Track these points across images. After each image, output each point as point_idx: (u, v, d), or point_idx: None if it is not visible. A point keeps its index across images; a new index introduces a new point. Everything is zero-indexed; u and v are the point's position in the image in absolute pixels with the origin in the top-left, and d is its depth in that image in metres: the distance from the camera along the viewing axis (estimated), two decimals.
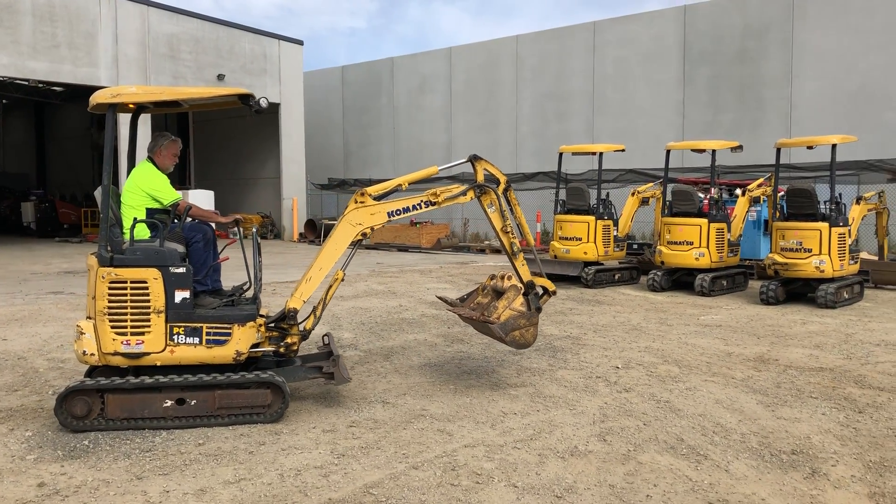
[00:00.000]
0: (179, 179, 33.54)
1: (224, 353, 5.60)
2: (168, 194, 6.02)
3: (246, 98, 5.68)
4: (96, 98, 5.50)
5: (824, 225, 11.53)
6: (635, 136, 23.68)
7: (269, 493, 4.30)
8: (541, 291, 6.61)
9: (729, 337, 9.03)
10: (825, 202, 11.87)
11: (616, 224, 14.62)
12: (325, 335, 6.81)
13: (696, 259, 12.89)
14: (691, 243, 12.95)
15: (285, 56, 28.01)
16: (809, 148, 12.58)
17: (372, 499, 4.22)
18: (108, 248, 5.45)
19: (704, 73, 23.47)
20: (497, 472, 4.59)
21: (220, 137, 31.94)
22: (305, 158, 29.31)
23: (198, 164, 33.29)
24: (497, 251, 22.62)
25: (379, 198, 6.09)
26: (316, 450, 4.99)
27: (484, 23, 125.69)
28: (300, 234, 27.66)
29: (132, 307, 5.42)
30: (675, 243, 13.16)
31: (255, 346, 5.78)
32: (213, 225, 6.39)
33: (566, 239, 14.38)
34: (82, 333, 5.43)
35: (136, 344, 5.43)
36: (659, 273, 13.45)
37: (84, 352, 5.41)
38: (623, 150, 15.61)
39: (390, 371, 7.23)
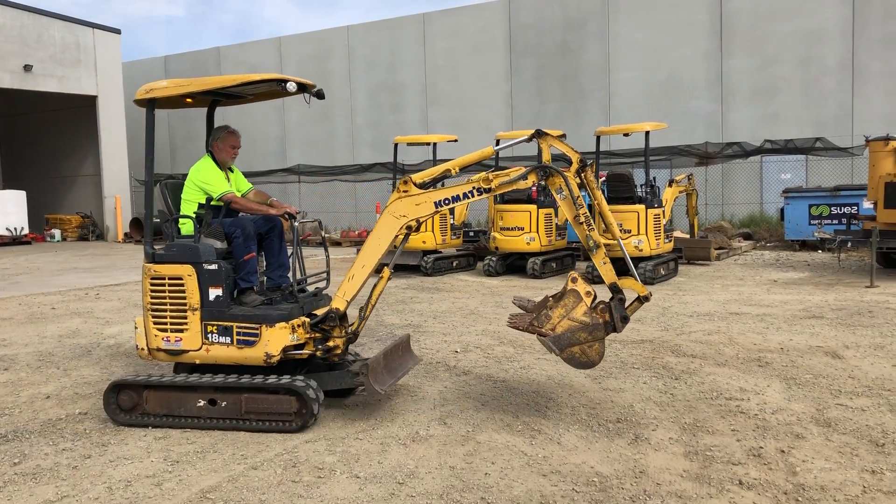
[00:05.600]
0: None
1: (254, 355, 5.36)
2: (216, 187, 5.80)
3: (304, 87, 5.53)
4: (136, 96, 5.57)
5: (641, 207, 12.35)
6: (468, 127, 24.26)
7: None
8: (626, 297, 5.36)
9: None
10: (641, 186, 12.71)
11: (452, 213, 14.93)
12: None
13: (528, 244, 13.43)
14: (522, 228, 13.47)
15: (101, 45, 26.28)
16: (626, 135, 13.40)
17: (209, 503, 4.08)
18: (152, 245, 5.54)
19: (530, 65, 24.40)
20: (339, 465, 4.57)
21: (32, 133, 29.52)
22: (128, 154, 27.66)
23: (8, 163, 30.59)
24: (338, 243, 22.46)
25: (425, 185, 5.45)
26: (148, 458, 4.76)
27: (310, 13, 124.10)
28: (125, 235, 26.16)
29: (171, 304, 5.45)
30: (508, 229, 13.64)
31: (299, 347, 5.47)
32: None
33: None
34: (136, 328, 5.62)
35: (176, 341, 5.46)
36: (494, 258, 13.88)
37: (137, 346, 5.61)
38: (456, 141, 15.97)
39: None
